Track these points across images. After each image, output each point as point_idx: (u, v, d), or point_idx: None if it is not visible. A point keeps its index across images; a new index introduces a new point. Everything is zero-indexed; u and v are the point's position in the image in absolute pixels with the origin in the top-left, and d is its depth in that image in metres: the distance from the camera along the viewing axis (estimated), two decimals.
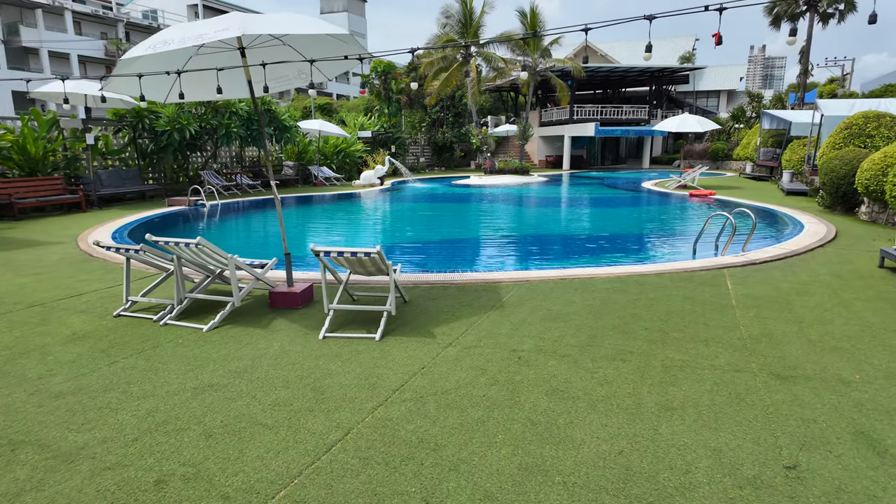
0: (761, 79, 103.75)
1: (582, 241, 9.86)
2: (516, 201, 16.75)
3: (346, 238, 10.42)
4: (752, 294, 5.46)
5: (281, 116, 17.26)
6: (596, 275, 6.20)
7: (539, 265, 7.62)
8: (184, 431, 2.91)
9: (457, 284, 5.85)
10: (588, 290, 5.62)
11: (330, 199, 16.77)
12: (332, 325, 4.58)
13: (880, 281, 5.97)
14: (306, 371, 3.68)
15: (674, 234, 10.70)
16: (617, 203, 16.58)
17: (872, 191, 9.91)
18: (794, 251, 7.42)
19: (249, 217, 13.40)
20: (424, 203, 16.51)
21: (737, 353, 3.92)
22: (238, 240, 10.08)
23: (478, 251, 9.03)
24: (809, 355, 3.87)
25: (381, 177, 20.68)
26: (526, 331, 4.43)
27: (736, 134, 33.67)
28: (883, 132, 12.38)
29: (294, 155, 21.09)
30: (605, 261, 7.96)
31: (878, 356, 3.85)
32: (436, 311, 4.95)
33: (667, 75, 36.24)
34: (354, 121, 26.93)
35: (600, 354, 3.93)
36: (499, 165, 25.91)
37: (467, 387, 3.41)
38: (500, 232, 11.03)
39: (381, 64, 27.25)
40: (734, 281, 5.99)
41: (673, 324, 4.58)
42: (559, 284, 5.86)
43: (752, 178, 22.96)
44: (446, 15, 23.44)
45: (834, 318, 4.72)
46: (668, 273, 6.32)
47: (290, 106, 44.34)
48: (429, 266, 7.81)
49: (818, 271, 6.40)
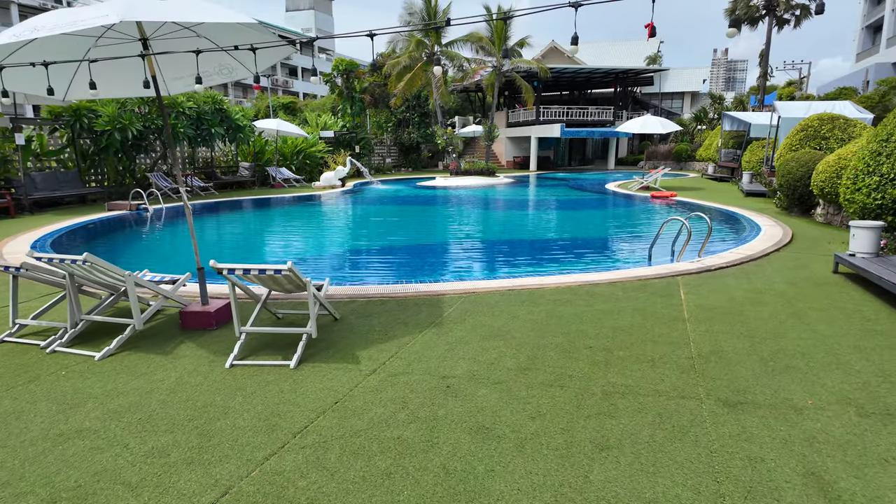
0: (724, 81, 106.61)
1: (539, 246, 9.55)
2: (479, 204, 16.42)
3: (291, 245, 9.88)
4: (705, 305, 5.19)
5: (234, 116, 16.51)
6: (545, 285, 5.86)
7: (490, 273, 7.26)
8: (23, 497, 2.40)
9: (397, 298, 5.43)
10: (535, 303, 5.26)
11: (286, 202, 16.12)
12: (245, 350, 4.10)
13: (834, 288, 5.80)
14: (199, 409, 3.20)
15: (632, 237, 10.51)
16: (579, 205, 16.41)
17: (827, 193, 9.91)
18: (749, 256, 7.25)
19: (196, 222, 12.68)
20: (383, 206, 16.02)
21: (684, 376, 3.60)
22: (175, 248, 9.42)
23: (429, 259, 8.62)
24: (761, 377, 3.58)
25: (342, 178, 20.09)
26: (462, 352, 4.03)
27: (699, 135, 34.18)
28: (837, 134, 12.49)
29: (250, 155, 20.31)
30: (560, 267, 7.66)
31: (830, 376, 3.59)
32: (367, 331, 4.51)
33: (631, 77, 36.59)
34: (317, 120, 26.20)
35: (537, 380, 3.56)
36: (465, 166, 25.58)
37: (382, 426, 2.99)
38: (456, 237, 10.65)
39: (344, 62, 26.60)
40: (688, 290, 5.73)
41: (619, 340, 4.25)
42: (506, 296, 5.49)
43: (713, 179, 23.21)
44: (409, 11, 22.96)
45: (787, 330, 4.47)
46: (620, 282, 6.02)
47: (255, 104, 43.11)
48: (376, 276, 7.36)
49: (773, 278, 6.21)
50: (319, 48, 69.99)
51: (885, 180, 7.19)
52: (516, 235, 10.85)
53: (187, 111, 14.96)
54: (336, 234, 11.03)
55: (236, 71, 5.26)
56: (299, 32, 66.85)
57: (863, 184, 7.57)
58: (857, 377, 3.57)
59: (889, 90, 24.93)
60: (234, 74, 5.28)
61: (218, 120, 15.92)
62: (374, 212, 14.79)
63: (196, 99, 15.58)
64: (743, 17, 34.16)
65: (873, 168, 7.45)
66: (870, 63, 37.88)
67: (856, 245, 6.21)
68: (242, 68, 5.26)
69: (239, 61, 5.18)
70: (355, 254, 8.90)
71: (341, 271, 7.62)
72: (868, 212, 7.47)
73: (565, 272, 6.72)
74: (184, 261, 8.23)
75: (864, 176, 7.57)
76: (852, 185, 7.83)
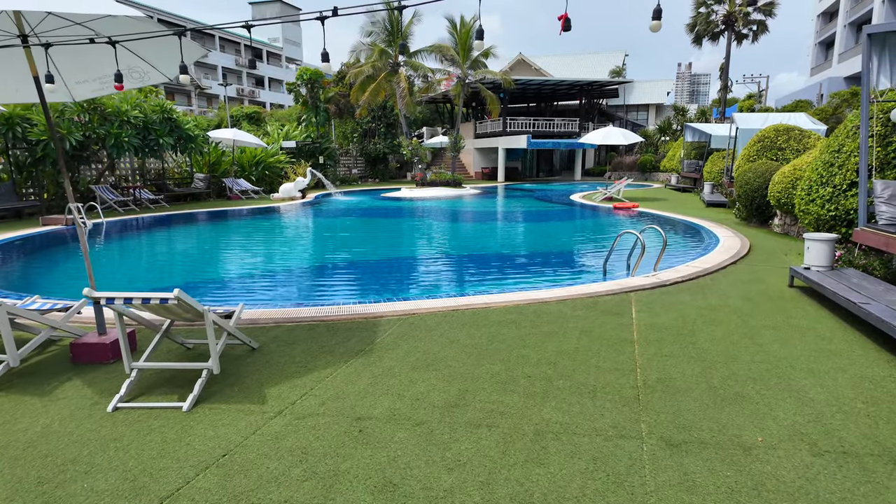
0: (688, 94, 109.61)
1: (496, 261, 9.21)
2: (441, 216, 16.07)
3: (235, 262, 9.30)
4: (657, 324, 4.90)
5: (185, 125, 15.80)
6: (492, 304, 5.49)
7: (438, 291, 6.86)
8: None
9: (329, 321, 4.97)
10: (478, 324, 4.88)
11: (240, 215, 15.46)
12: (137, 389, 3.59)
13: (789, 303, 5.60)
14: (57, 468, 2.69)
15: (592, 250, 10.28)
16: (542, 217, 16.21)
17: (783, 204, 9.88)
18: (706, 269, 7.04)
19: (139, 237, 11.97)
20: (342, 219, 15.51)
21: (626, 409, 3.26)
22: (109, 267, 8.75)
23: (377, 275, 8.17)
24: (709, 408, 3.27)
25: (302, 189, 19.50)
26: (386, 385, 3.61)
27: (663, 146, 34.73)
28: (792, 145, 12.60)
29: (206, 166, 19.55)
30: (514, 282, 7.33)
31: (783, 406, 3.29)
32: (285, 362, 4.04)
33: (597, 89, 37.02)
34: (278, 130, 25.54)
35: (465, 418, 3.16)
36: (431, 177, 25.25)
37: (270, 485, 2.54)
38: (412, 252, 10.24)
39: (308, 71, 26.07)
40: (640, 307, 5.44)
41: (561, 367, 3.89)
42: (448, 317, 5.10)
43: (677, 190, 23.44)
44: (372, 21, 22.63)
45: (740, 352, 4.19)
46: (570, 299, 5.70)
47: (219, 114, 42.02)
48: (317, 294, 6.88)
49: (728, 293, 5.99)
50: (287, 58, 69.14)
51: (837, 191, 7.10)
52: (475, 249, 10.49)
53: (133, 120, 14.20)
54: (286, 250, 10.48)
55: (149, 75, 4.77)
56: (265, 42, 65.98)
57: (816, 195, 7.49)
58: (811, 407, 3.28)
59: (841, 103, 25.72)
60: (146, 79, 4.79)
61: (167, 129, 15.19)
62: (330, 225, 14.25)
63: (143, 107, 14.84)
64: (704, 32, 35.06)
65: (826, 179, 7.36)
66: (823, 77, 39.29)
67: (810, 258, 6.04)
68: (155, 72, 4.77)
69: (150, 64, 4.70)
70: (301, 271, 8.38)
71: (282, 290, 7.12)
72: (822, 223, 7.38)
73: (516, 289, 6.37)
74: (115, 282, 7.61)
75: (818, 187, 7.48)
76: (806, 196, 7.75)
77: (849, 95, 25.40)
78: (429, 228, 13.53)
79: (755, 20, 33.60)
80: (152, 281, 7.66)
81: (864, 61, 5.98)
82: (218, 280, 7.71)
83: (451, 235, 12.50)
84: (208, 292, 6.90)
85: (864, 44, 5.97)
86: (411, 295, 6.58)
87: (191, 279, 7.81)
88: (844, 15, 38.52)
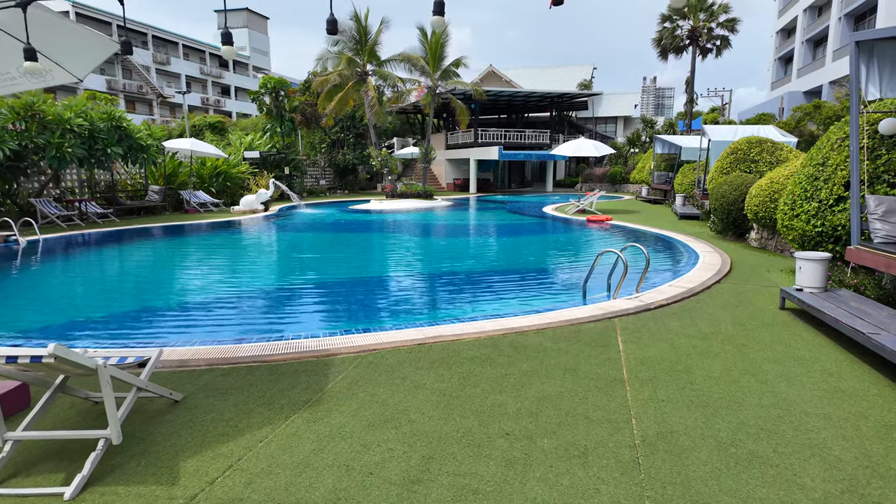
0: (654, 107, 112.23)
1: (466, 281, 8.59)
2: (410, 230, 15.44)
3: (173, 285, 8.44)
4: (647, 358, 4.37)
5: (135, 134, 14.79)
6: (463, 335, 4.87)
7: (404, 318, 6.20)
8: None
9: (273, 362, 4.27)
10: (448, 361, 4.26)
11: (195, 230, 14.48)
12: (13, 465, 2.82)
13: (785, 329, 5.15)
14: None
15: (568, 266, 9.79)
16: (515, 231, 15.74)
17: (761, 217, 9.61)
18: (691, 290, 6.60)
19: (75, 256, 10.94)
20: (304, 233, 14.70)
21: (625, 480, 2.67)
22: (36, 293, 7.80)
23: (336, 300, 7.43)
24: (723, 476, 2.71)
25: (264, 202, 18.59)
26: (333, 453, 2.94)
27: (632, 158, 34.98)
28: (766, 157, 12.47)
29: (161, 178, 18.47)
30: (486, 304, 6.73)
31: (808, 469, 2.77)
32: (212, 420, 3.33)
33: (566, 101, 37.17)
34: (241, 139, 24.54)
35: (429, 500, 2.52)
36: (401, 189, 24.60)
37: None
38: (376, 271, 9.53)
39: (273, 80, 25.20)
40: (626, 336, 4.91)
41: (545, 420, 3.30)
42: (414, 354, 4.46)
43: (647, 202, 23.40)
44: (339, 29, 21.91)
45: (745, 394, 3.68)
46: (550, 328, 5.14)
47: (181, 124, 40.48)
48: (267, 322, 6.13)
49: (718, 318, 5.52)
50: (255, 67, 67.75)
51: (824, 206, 6.77)
52: (445, 268, 9.85)
53: (77, 128, 13.15)
54: (235, 270, 9.62)
55: (52, 73, 4.02)
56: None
57: (801, 210, 7.16)
58: (840, 470, 2.76)
59: (803, 116, 26.29)
60: (49, 79, 4.04)
61: (115, 139, 14.15)
62: (289, 241, 13.41)
63: (90, 115, 13.79)
64: (670, 46, 35.65)
65: (811, 193, 7.04)
66: (784, 91, 40.47)
67: (802, 279, 5.64)
68: (60, 70, 4.03)
69: (54, 61, 3.95)
70: (250, 295, 7.56)
71: (225, 319, 6.34)
72: (808, 239, 7.04)
73: (490, 315, 5.76)
74: (31, 311, 6.70)
75: (802, 202, 7.16)
76: (790, 210, 7.42)
77: (811, 109, 25.97)
78: (396, 244, 12.86)
79: (718, 35, 34.32)
80: (78, 310, 6.77)
81: (852, 70, 5.67)
82: (152, 309, 6.83)
83: (421, 252, 11.82)
84: (139, 324, 6.07)
85: (851, 52, 5.65)
86: (372, 324, 5.90)
87: (121, 307, 6.93)
88: (802, 32, 39.82)
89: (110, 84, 47.73)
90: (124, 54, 3.57)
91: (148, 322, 6.19)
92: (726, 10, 33.60)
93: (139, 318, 6.33)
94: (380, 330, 5.11)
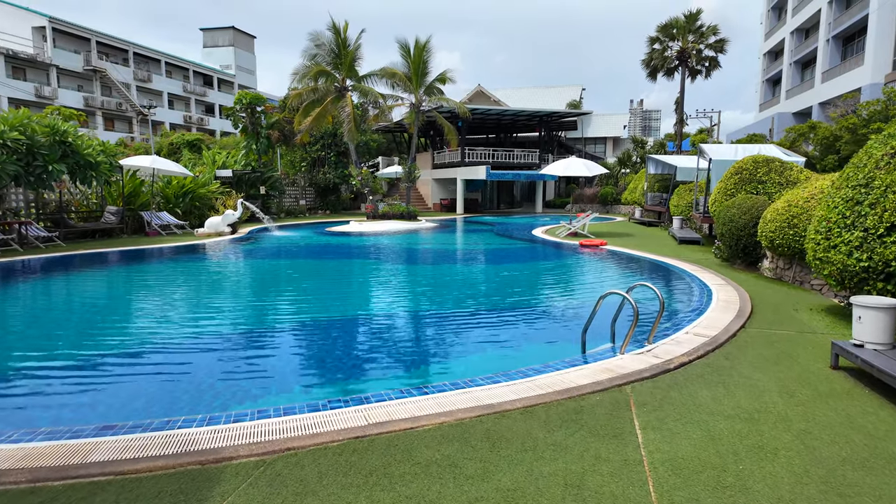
0: (641, 129, 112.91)
1: (435, 325, 7.10)
2: (388, 255, 14.11)
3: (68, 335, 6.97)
4: (679, 460, 3.05)
5: (83, 150, 13.38)
6: (421, 420, 3.52)
7: (343, 386, 4.76)
8: None
9: (129, 475, 2.88)
10: (393, 473, 2.91)
11: (142, 257, 12.97)
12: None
13: (850, 403, 3.88)
14: None
15: (561, 304, 8.46)
16: (500, 257, 14.43)
17: (778, 245, 8.43)
18: (714, 339, 5.33)
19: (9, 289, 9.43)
20: (265, 260, 13.26)
21: None
22: None
23: (260, 357, 5.73)
24: None
25: (231, 224, 17.19)
26: None
27: (623, 178, 34.14)
28: (774, 178, 11.39)
29: (121, 198, 17.03)
30: (455, 367, 5.29)
31: None
32: None
33: (556, 120, 36.43)
34: (214, 157, 23.21)
35: None
36: (384, 209, 23.34)
37: None
38: (325, 313, 7.75)
39: (248, 96, 24.01)
40: (645, 418, 3.60)
41: None
42: (344, 457, 3.10)
43: (641, 223, 22.34)
44: (316, 42, 20.83)
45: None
46: (542, 403, 3.81)
47: (160, 141, 39.10)
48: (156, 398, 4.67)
49: (759, 384, 4.24)
50: (240, 85, 66.79)
51: (871, 236, 5.57)
52: (411, 307, 8.29)
53: (11, 143, 11.74)
54: (150, 311, 7.74)
55: None
56: (216, 69, 63.72)
57: (839, 240, 5.96)
58: None
59: (798, 137, 25.59)
60: None
61: (58, 155, 12.75)
62: (240, 271, 11.79)
63: (29, 128, 12.41)
64: (659, 67, 35.19)
65: (852, 220, 5.85)
66: (773, 112, 40.13)
67: (863, 332, 4.39)
68: None
69: None
70: (151, 349, 5.74)
71: (99, 386, 4.72)
72: (850, 275, 5.83)
73: (460, 385, 4.32)
74: None
75: (841, 230, 5.96)
76: (824, 241, 6.22)
77: (806, 129, 25.28)
78: (363, 275, 11.45)
79: (707, 56, 33.95)
80: None
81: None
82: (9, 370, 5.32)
83: (388, 286, 10.18)
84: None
85: None
86: (300, 398, 4.41)
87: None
88: (790, 54, 39.68)
89: (87, 101, 46.29)
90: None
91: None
92: (715, 31, 33.30)
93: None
94: (306, 410, 3.72)
